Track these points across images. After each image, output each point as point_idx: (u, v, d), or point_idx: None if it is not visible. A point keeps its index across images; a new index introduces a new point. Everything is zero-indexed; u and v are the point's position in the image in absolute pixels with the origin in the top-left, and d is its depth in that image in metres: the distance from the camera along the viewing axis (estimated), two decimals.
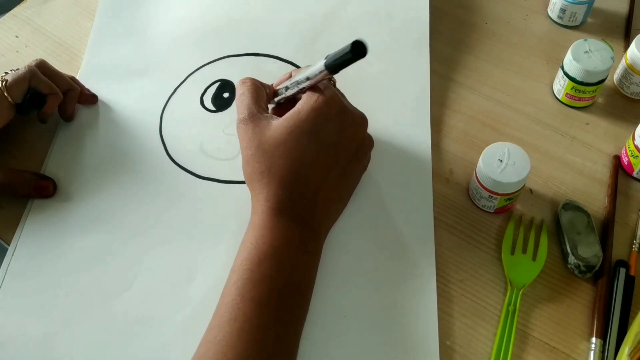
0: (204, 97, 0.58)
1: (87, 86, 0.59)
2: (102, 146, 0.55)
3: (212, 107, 0.58)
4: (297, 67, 0.60)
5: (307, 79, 0.45)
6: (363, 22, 0.63)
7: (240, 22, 0.64)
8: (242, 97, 0.48)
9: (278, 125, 0.44)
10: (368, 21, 0.63)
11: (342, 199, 0.49)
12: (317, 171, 0.45)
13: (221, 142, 0.55)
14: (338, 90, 0.49)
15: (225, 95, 0.58)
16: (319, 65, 0.43)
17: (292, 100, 0.48)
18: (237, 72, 0.60)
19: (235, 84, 0.59)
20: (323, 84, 0.45)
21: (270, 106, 0.51)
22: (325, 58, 0.43)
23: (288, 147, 0.44)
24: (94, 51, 0.63)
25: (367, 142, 0.49)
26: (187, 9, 0.66)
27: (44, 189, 0.51)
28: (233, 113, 0.57)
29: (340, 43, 0.61)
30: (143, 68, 0.61)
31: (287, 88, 0.48)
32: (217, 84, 0.59)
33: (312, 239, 0.45)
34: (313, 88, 0.45)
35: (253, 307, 0.40)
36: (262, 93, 0.49)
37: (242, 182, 0.52)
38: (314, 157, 0.44)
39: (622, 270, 0.48)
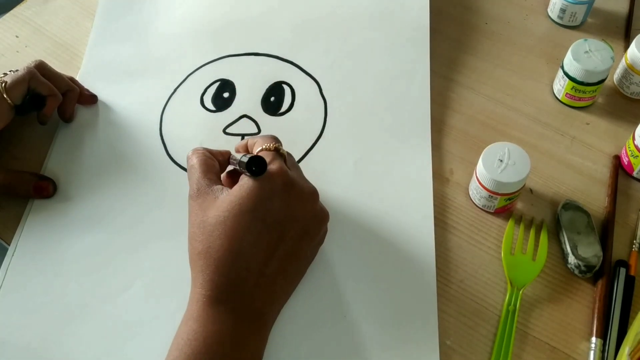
0: (204, 97, 0.58)
1: (87, 86, 0.59)
2: (102, 146, 0.55)
3: (212, 107, 0.58)
4: (297, 67, 0.60)
5: (240, 163, 0.42)
6: (363, 22, 0.63)
7: (240, 22, 0.64)
8: (191, 170, 0.45)
9: (221, 201, 0.41)
10: (368, 21, 0.63)
11: (291, 280, 0.45)
12: (260, 252, 0.41)
13: (221, 142, 0.55)
14: (291, 159, 0.46)
15: (225, 95, 0.58)
16: (243, 159, 0.41)
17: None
18: (237, 72, 0.60)
19: (235, 84, 0.59)
20: (270, 155, 0.43)
21: (230, 167, 0.48)
22: (246, 157, 0.41)
23: (228, 226, 0.40)
24: (94, 51, 0.63)
25: (319, 217, 0.45)
26: (187, 9, 0.66)
27: (43, 190, 0.51)
28: (233, 113, 0.57)
29: (340, 43, 0.61)
30: (143, 68, 0.61)
31: (233, 161, 0.46)
32: (217, 84, 0.59)
33: (254, 329, 0.41)
34: None
35: None
36: (213, 163, 0.46)
37: None
38: (256, 237, 0.40)
39: (622, 270, 0.48)
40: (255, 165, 0.40)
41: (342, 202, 0.51)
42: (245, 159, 0.40)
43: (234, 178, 0.46)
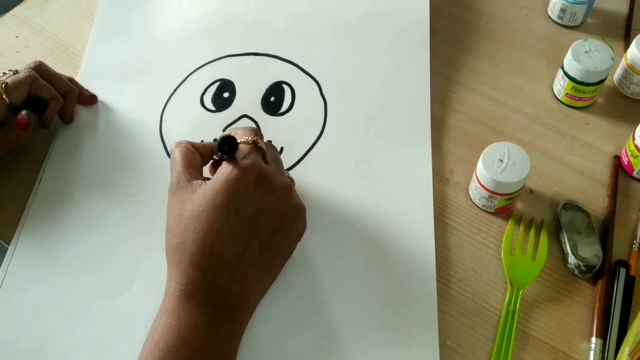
0: (204, 97, 0.58)
1: (86, 86, 0.59)
2: (102, 146, 0.55)
3: (212, 107, 0.58)
4: (297, 66, 0.60)
5: (214, 147, 0.43)
6: (363, 22, 0.63)
7: (240, 21, 0.64)
8: (173, 163, 0.45)
9: (197, 195, 0.41)
10: (368, 21, 0.63)
11: (267, 274, 0.44)
12: (234, 246, 0.40)
13: None
14: (271, 152, 0.46)
15: (225, 95, 0.58)
16: (216, 141, 0.42)
17: None
18: (237, 72, 0.60)
19: (235, 84, 0.59)
20: (247, 149, 0.42)
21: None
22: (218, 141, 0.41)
23: (202, 220, 0.40)
24: (94, 51, 0.63)
25: (294, 211, 0.44)
26: (187, 9, 0.66)
27: (23, 123, 0.51)
28: (233, 113, 0.57)
29: (340, 43, 0.61)
30: (143, 68, 0.61)
31: (214, 150, 0.46)
32: (217, 84, 0.59)
33: (229, 323, 0.41)
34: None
35: None
36: (194, 157, 0.45)
37: None
38: (230, 232, 0.40)
39: (622, 270, 0.48)
40: (227, 145, 0.41)
41: (342, 202, 0.51)
42: (217, 142, 0.41)
43: (217, 169, 0.46)
